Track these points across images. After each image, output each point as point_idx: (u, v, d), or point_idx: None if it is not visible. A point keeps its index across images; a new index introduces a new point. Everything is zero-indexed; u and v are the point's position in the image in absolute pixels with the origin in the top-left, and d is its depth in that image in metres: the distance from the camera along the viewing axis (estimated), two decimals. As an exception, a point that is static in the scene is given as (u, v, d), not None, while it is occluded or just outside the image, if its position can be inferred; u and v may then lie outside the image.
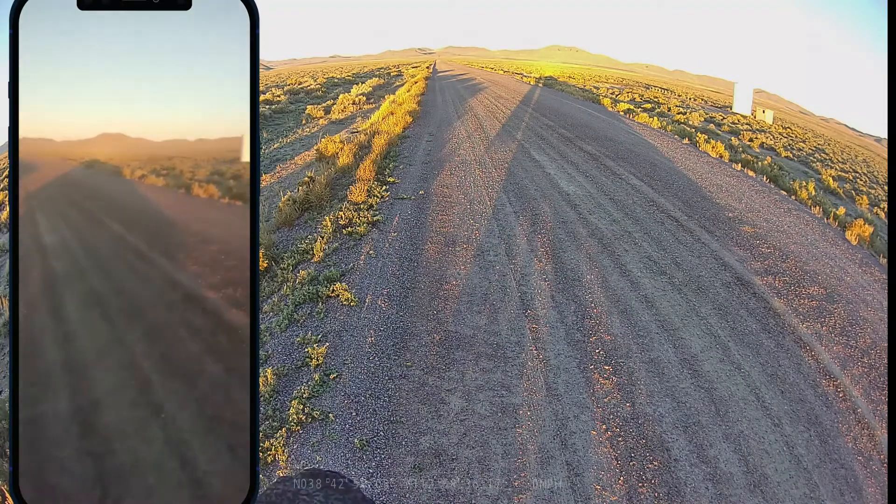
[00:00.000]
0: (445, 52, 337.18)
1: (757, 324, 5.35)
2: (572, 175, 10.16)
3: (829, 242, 7.75)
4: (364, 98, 22.68)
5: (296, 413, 3.84)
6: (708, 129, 18.52)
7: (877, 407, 4.30)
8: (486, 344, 4.79)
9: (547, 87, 32.96)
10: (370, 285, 5.71)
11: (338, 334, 4.86)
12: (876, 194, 15.40)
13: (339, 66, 77.05)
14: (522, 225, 7.49)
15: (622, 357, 4.69)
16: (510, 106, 20.65)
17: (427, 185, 9.12)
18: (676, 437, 3.82)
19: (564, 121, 16.75)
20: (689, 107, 27.66)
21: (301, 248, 6.56)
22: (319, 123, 18.15)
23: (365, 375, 4.33)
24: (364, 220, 7.24)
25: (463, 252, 6.55)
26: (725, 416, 4.06)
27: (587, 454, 3.65)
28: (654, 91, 37.67)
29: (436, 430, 3.79)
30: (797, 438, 3.89)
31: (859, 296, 6.09)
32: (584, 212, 8.13)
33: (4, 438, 3.75)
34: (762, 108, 30.84)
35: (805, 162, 18.10)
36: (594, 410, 4.05)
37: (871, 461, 3.77)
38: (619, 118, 19.11)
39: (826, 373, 4.67)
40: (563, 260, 6.48)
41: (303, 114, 20.19)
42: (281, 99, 24.71)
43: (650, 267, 6.42)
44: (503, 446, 3.67)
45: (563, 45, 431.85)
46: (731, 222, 8.06)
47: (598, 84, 38.99)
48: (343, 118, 18.65)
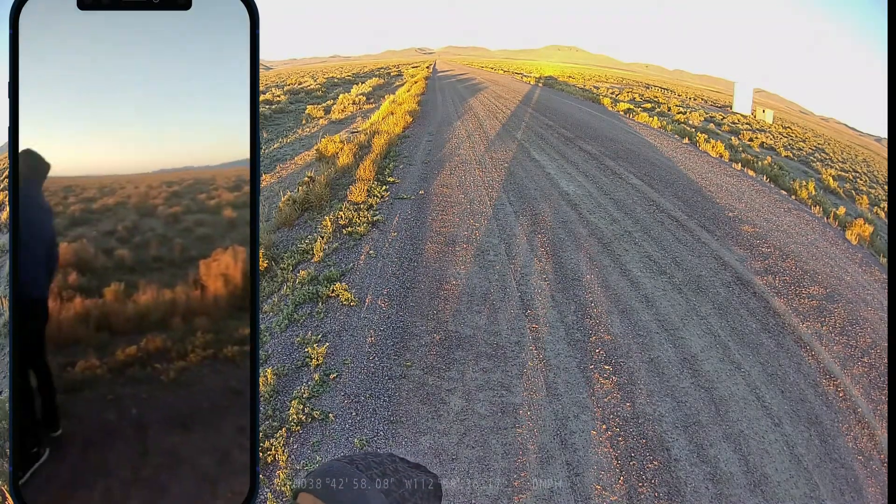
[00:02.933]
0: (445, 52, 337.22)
1: (757, 323, 5.35)
2: (572, 175, 10.16)
3: (830, 242, 7.75)
4: (364, 98, 22.68)
5: (296, 413, 3.84)
6: (708, 129, 18.52)
7: (877, 407, 4.30)
8: (486, 344, 4.79)
9: (547, 86, 32.96)
10: (370, 285, 5.71)
11: (338, 334, 4.86)
12: (876, 194, 15.40)
13: (339, 66, 77.06)
14: (522, 225, 7.49)
15: (622, 357, 4.69)
16: (510, 106, 20.65)
17: (427, 184, 9.12)
18: (676, 437, 3.82)
19: (564, 120, 16.75)
20: (689, 106, 27.66)
21: (301, 248, 6.56)
22: (319, 123, 18.15)
23: (365, 375, 4.33)
24: (364, 220, 7.24)
25: (463, 252, 6.55)
26: (725, 415, 4.06)
27: (587, 454, 3.65)
28: (654, 91, 37.66)
29: (436, 430, 3.79)
30: (797, 438, 3.89)
31: (859, 295, 6.09)
32: (584, 211, 8.13)
33: (4, 438, 3.75)
34: (762, 107, 30.83)
35: (805, 161, 18.10)
36: (594, 410, 4.05)
37: (871, 461, 3.77)
38: (619, 118, 19.11)
39: (826, 373, 4.68)
40: (563, 260, 6.48)
41: (303, 114, 20.18)
42: (281, 99, 24.71)
43: (650, 267, 6.42)
44: (503, 446, 3.67)
45: (563, 45, 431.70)
46: (731, 222, 8.06)
47: (598, 84, 38.98)
48: (343, 118, 18.65)
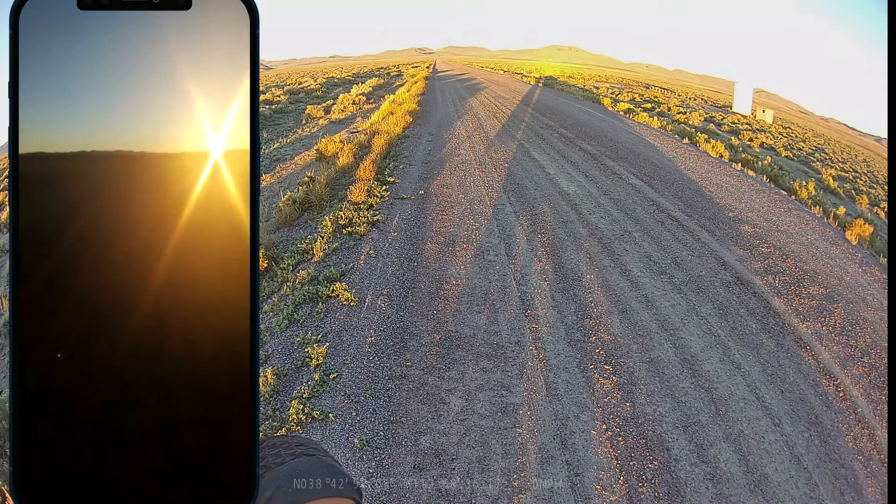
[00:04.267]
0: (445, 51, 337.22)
1: (757, 324, 5.35)
2: (572, 175, 10.16)
3: (829, 242, 7.75)
4: (364, 98, 22.68)
5: (296, 413, 3.84)
6: (708, 129, 18.51)
7: (877, 407, 4.30)
8: (486, 344, 4.79)
9: (547, 86, 32.96)
10: (370, 285, 5.71)
11: (338, 334, 4.86)
12: (876, 194, 15.40)
13: (339, 66, 77.07)
14: (522, 225, 7.49)
15: (622, 357, 4.69)
16: (510, 106, 20.65)
17: (427, 184, 9.12)
18: (676, 437, 3.82)
19: (564, 120, 16.75)
20: (689, 106, 27.65)
21: (301, 248, 6.56)
22: (319, 123, 18.15)
23: (365, 375, 4.33)
24: (364, 220, 7.24)
25: (463, 252, 6.55)
26: (725, 415, 4.06)
27: (587, 454, 3.65)
28: (654, 91, 37.65)
29: (436, 430, 3.79)
30: (797, 438, 3.89)
31: (859, 295, 6.09)
32: (584, 212, 8.13)
33: (4, 439, 3.75)
34: (762, 107, 30.81)
35: (805, 161, 18.10)
36: (594, 410, 4.05)
37: (871, 461, 3.77)
38: (620, 118, 19.11)
39: (826, 373, 4.67)
40: (563, 260, 6.48)
41: (303, 114, 20.18)
42: (281, 99, 24.71)
43: (650, 267, 6.42)
44: (503, 446, 3.67)
45: (563, 44, 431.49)
46: (731, 222, 8.06)
47: (598, 84, 38.98)
48: (343, 118, 18.65)
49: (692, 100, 34.62)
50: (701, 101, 34.48)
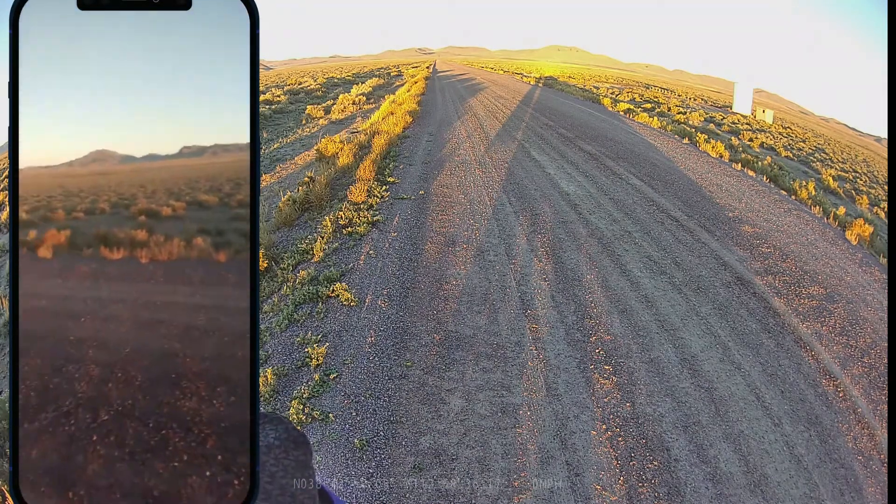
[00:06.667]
0: (445, 51, 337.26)
1: (757, 324, 5.35)
2: (572, 175, 10.16)
3: (829, 242, 7.75)
4: (364, 98, 22.69)
5: (296, 413, 3.84)
6: (708, 129, 18.52)
7: (877, 407, 4.30)
8: (486, 344, 4.79)
9: (547, 86, 32.98)
10: (370, 285, 5.71)
11: (338, 334, 4.86)
12: (876, 194, 15.41)
13: (339, 66, 77.11)
14: (522, 225, 7.50)
15: (622, 357, 4.69)
16: (510, 106, 20.65)
17: (427, 185, 9.12)
18: (676, 437, 3.82)
19: (564, 121, 16.76)
20: (689, 107, 27.67)
21: (301, 248, 6.56)
22: (319, 123, 18.16)
23: (365, 375, 4.33)
24: (364, 220, 7.24)
25: (463, 252, 6.55)
26: (725, 416, 4.06)
27: (587, 454, 3.65)
28: (654, 91, 37.66)
29: (436, 430, 3.79)
30: (797, 438, 3.89)
31: (859, 296, 6.09)
32: (584, 212, 8.13)
33: (4, 439, 3.75)
34: (762, 107, 30.83)
35: (805, 162, 18.10)
36: (594, 410, 4.05)
37: (871, 461, 3.77)
38: (620, 118, 19.12)
39: (826, 373, 4.67)
40: (563, 260, 6.49)
41: (303, 114, 20.19)
42: (281, 99, 24.72)
43: (650, 267, 6.42)
44: (503, 446, 3.67)
45: (564, 45, 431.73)
46: (731, 222, 8.06)
47: (598, 84, 39.00)
48: (343, 118, 18.66)
49: (692, 100, 34.64)
50: (701, 102, 34.50)
